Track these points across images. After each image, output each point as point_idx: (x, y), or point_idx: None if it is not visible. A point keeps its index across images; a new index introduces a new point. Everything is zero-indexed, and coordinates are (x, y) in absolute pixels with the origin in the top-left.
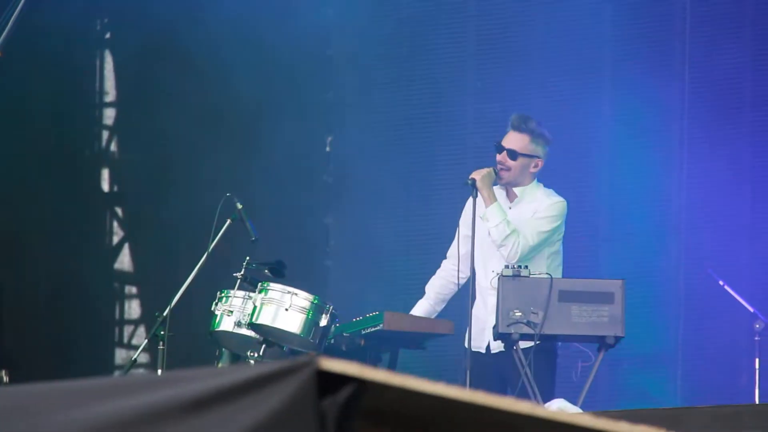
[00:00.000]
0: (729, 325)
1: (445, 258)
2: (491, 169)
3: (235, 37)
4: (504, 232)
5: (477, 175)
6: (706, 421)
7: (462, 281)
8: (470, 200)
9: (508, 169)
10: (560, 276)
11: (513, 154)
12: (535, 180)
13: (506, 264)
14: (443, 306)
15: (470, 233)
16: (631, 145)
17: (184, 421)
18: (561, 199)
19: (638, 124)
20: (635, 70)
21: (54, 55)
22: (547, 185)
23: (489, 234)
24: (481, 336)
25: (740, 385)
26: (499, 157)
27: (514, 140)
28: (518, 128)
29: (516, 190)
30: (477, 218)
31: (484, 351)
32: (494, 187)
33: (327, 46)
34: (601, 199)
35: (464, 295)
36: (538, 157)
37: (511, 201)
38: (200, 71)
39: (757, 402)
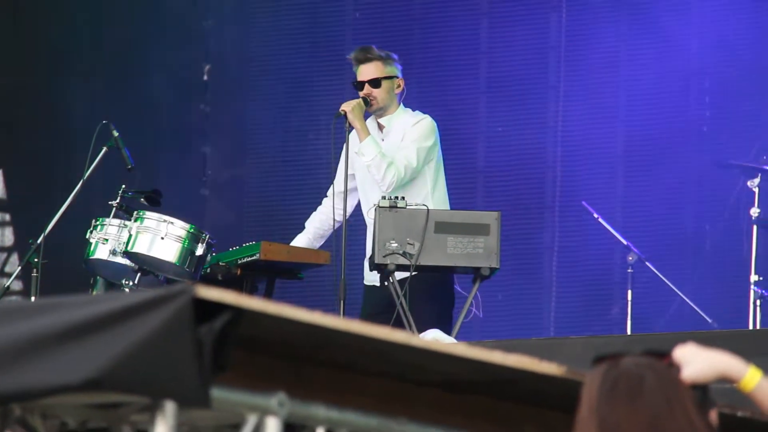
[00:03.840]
0: (602, 257)
1: (325, 196)
2: (360, 99)
3: None
4: (381, 166)
5: (347, 107)
6: (579, 350)
7: (340, 217)
8: (350, 136)
9: (375, 97)
10: (448, 208)
11: (375, 82)
12: (401, 105)
13: (383, 195)
14: (322, 242)
15: (348, 168)
16: (508, 74)
17: (60, 347)
18: (425, 116)
19: (515, 55)
20: (513, 1)
21: None
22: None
23: (367, 169)
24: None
25: (613, 316)
26: (362, 93)
27: (368, 71)
28: (365, 60)
29: (383, 120)
30: (352, 152)
31: (378, 284)
32: (366, 121)
33: None
34: (478, 131)
35: (352, 230)
36: (396, 76)
37: (382, 132)
38: None
39: (629, 333)
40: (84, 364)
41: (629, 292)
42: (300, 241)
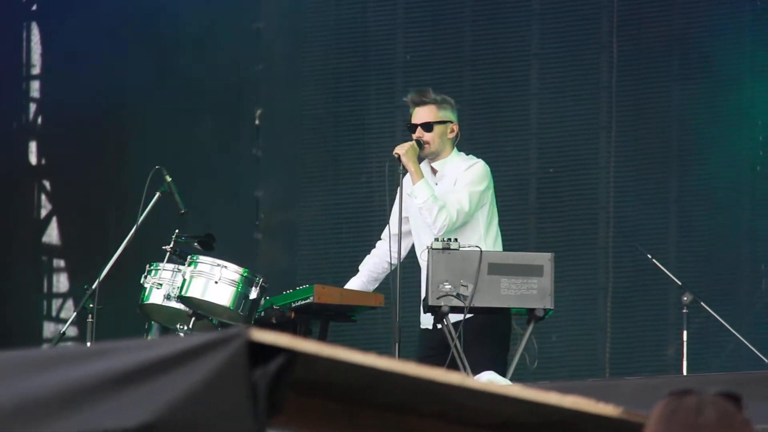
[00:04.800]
0: (657, 297)
1: (380, 239)
2: (413, 141)
3: (164, 10)
4: (433, 209)
5: (401, 150)
6: (635, 392)
7: (395, 260)
8: (405, 180)
9: (428, 141)
10: (501, 250)
11: (427, 126)
12: (455, 149)
13: (436, 237)
14: (376, 285)
15: (402, 211)
16: (560, 117)
17: (115, 392)
18: (478, 160)
19: (566, 96)
20: (563, 42)
21: None
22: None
23: (419, 212)
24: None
25: (668, 357)
26: (415, 135)
27: (422, 114)
28: (420, 103)
29: (436, 164)
30: (405, 194)
31: (431, 327)
32: (420, 165)
33: (256, 18)
34: (530, 172)
35: (405, 273)
36: (450, 121)
37: (435, 176)
38: (128, 44)
39: (684, 373)
40: (139, 408)
41: (684, 332)
42: (354, 284)
